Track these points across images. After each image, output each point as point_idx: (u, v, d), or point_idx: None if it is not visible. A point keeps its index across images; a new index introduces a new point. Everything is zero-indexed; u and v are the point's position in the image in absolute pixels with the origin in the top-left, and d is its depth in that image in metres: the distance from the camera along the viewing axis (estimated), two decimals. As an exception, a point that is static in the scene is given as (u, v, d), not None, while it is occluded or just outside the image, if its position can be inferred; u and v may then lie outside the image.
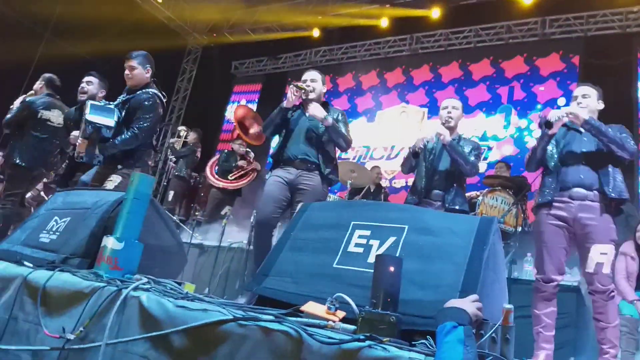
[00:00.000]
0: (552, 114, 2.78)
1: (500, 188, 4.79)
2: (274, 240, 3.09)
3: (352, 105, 9.61)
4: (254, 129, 6.10)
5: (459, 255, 1.47)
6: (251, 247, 4.12)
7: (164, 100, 3.49)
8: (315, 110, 3.26)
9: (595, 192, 2.72)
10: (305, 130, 3.35)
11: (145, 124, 3.24)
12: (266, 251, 2.88)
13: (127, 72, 3.46)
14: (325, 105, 3.43)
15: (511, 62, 8.18)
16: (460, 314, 1.15)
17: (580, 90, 2.94)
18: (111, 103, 3.36)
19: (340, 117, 3.40)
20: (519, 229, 4.48)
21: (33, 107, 4.45)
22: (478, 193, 5.06)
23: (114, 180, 3.16)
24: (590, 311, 2.78)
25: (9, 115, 4.45)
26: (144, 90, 3.36)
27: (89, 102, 3.20)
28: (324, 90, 3.54)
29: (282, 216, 3.34)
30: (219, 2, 9.96)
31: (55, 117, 4.55)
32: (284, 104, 3.37)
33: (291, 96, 3.32)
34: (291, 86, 3.34)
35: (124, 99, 3.39)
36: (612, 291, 2.64)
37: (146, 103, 3.29)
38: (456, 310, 1.16)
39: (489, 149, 7.74)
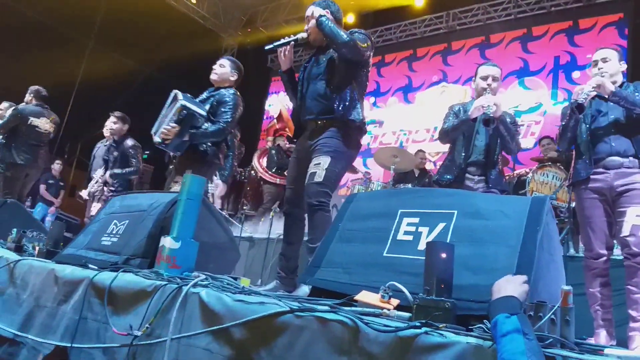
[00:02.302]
0: (579, 94, 2.68)
1: (551, 163, 4.63)
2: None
3: (388, 88, 9.50)
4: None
5: (512, 238, 1.44)
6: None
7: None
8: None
9: (631, 158, 2.66)
10: (313, 81, 2.84)
11: (229, 119, 3.33)
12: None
13: (215, 68, 3.57)
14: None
15: (556, 31, 7.83)
16: (509, 301, 1.12)
17: (599, 54, 2.86)
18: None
19: (353, 31, 2.78)
20: (573, 204, 4.33)
21: (24, 114, 5.20)
22: (527, 170, 4.92)
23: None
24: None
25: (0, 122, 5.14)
26: (226, 88, 3.48)
27: (179, 92, 3.32)
28: (331, 18, 2.82)
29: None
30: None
31: (43, 123, 5.31)
32: (281, 68, 2.98)
33: (281, 56, 2.88)
34: (278, 49, 2.87)
35: (207, 94, 3.51)
36: None
37: (228, 99, 3.38)
38: (505, 300, 1.14)
39: (536, 123, 7.49)
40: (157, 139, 3.31)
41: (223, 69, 3.57)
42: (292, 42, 2.83)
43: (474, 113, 3.01)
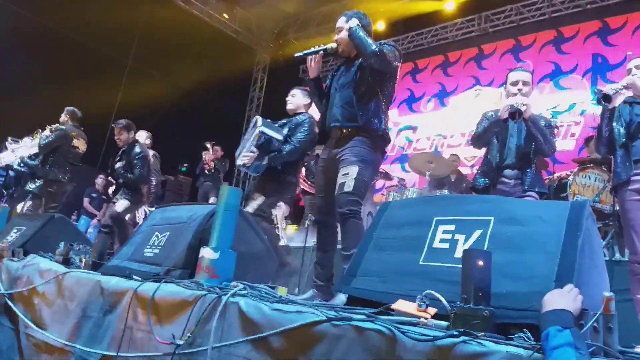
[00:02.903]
0: (609, 87, 2.67)
1: (593, 165, 4.49)
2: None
3: (422, 93, 9.43)
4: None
5: (551, 244, 1.41)
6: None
7: None
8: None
9: None
10: (339, 89, 2.88)
11: (303, 138, 3.56)
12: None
13: (288, 99, 3.90)
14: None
15: (592, 29, 7.59)
16: (563, 316, 1.10)
17: (634, 62, 2.85)
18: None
19: (382, 42, 2.79)
20: (617, 206, 4.18)
21: (68, 135, 5.42)
22: (568, 172, 4.78)
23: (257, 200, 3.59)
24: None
25: (45, 141, 5.32)
26: (302, 113, 3.75)
27: (260, 118, 3.67)
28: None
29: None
30: (282, 9, 10.20)
31: (81, 144, 5.55)
32: (309, 75, 3.05)
33: (310, 64, 2.94)
34: (307, 58, 2.93)
35: (286, 120, 3.79)
36: None
37: (304, 121, 3.64)
38: (558, 313, 1.12)
39: (576, 124, 7.27)
40: (239, 162, 3.61)
41: (295, 98, 3.88)
42: (322, 52, 2.90)
43: (503, 114, 3.01)
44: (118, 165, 5.05)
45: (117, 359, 2.04)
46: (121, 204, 4.85)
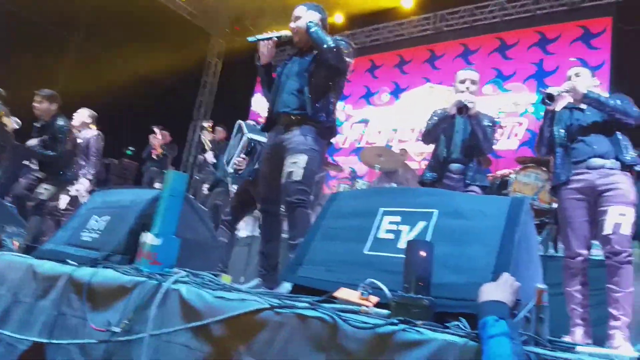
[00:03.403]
0: (553, 88, 2.82)
1: (533, 164, 4.69)
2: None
3: (376, 87, 9.54)
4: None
5: (491, 238, 1.46)
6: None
7: None
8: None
9: (613, 159, 2.72)
10: (290, 77, 2.83)
11: None
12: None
13: None
14: None
15: (541, 33, 7.93)
16: (499, 307, 1.14)
17: (572, 70, 3.00)
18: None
19: (336, 39, 2.76)
20: (553, 205, 4.39)
21: None
22: (510, 170, 4.97)
23: None
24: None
25: None
26: None
27: (244, 123, 3.64)
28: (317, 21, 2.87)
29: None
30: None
31: (9, 122, 5.18)
32: (260, 61, 2.94)
33: (263, 50, 2.85)
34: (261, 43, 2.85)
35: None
36: (629, 255, 2.56)
37: None
38: (495, 304, 1.16)
39: (519, 124, 7.58)
40: (230, 169, 3.62)
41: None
42: (275, 39, 2.85)
43: (451, 109, 3.12)
44: (34, 142, 4.50)
45: (48, 346, 1.95)
46: (47, 191, 4.44)
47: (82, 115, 5.46)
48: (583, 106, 2.88)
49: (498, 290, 1.21)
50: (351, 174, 6.77)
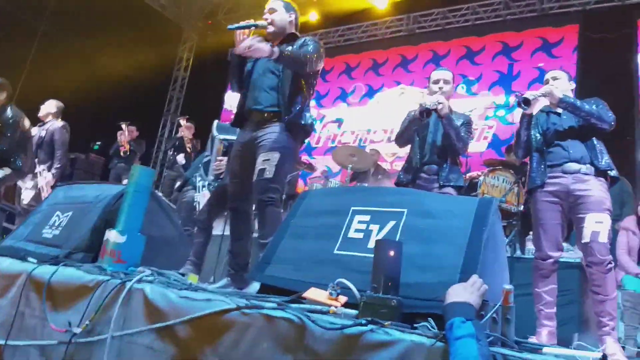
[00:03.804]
0: (529, 93, 2.85)
1: (501, 167, 4.78)
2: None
3: (350, 88, 9.57)
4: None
5: (459, 237, 1.47)
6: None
7: None
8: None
9: (588, 165, 2.75)
10: (264, 73, 2.77)
11: None
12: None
13: None
14: (293, 37, 2.84)
15: (510, 39, 8.11)
16: (466, 308, 1.15)
17: (550, 74, 3.05)
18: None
19: (307, 42, 2.74)
20: (521, 207, 4.48)
21: None
22: (479, 173, 5.05)
23: None
24: (593, 287, 2.80)
25: None
26: None
27: (215, 125, 3.65)
28: (291, 19, 2.86)
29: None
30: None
31: None
32: (234, 49, 2.71)
33: (239, 38, 2.60)
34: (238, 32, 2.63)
35: None
36: (610, 262, 2.61)
37: None
38: (461, 305, 1.16)
39: (489, 127, 7.73)
40: (211, 177, 3.65)
41: None
42: (253, 28, 2.69)
43: (417, 112, 3.11)
44: None
45: (5, 347, 1.87)
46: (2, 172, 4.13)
47: (49, 106, 5.23)
48: (560, 110, 2.91)
49: (465, 291, 1.21)
50: (324, 172, 6.77)
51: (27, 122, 4.53)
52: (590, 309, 3.19)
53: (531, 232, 4.14)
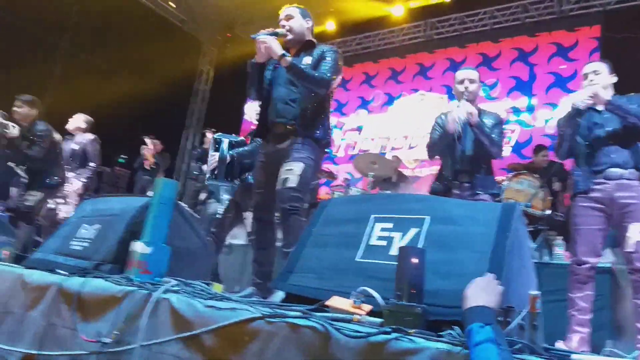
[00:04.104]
0: (578, 101, 2.74)
1: (525, 172, 4.71)
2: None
3: (370, 96, 9.58)
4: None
5: (482, 244, 1.46)
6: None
7: None
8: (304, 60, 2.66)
9: (631, 170, 2.67)
10: (284, 85, 2.77)
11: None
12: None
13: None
14: (311, 45, 2.85)
15: (529, 42, 8.02)
16: (484, 312, 1.13)
17: (589, 67, 2.91)
18: None
19: (326, 54, 2.74)
20: (547, 211, 4.40)
21: None
22: (503, 178, 4.99)
23: None
24: (626, 292, 2.73)
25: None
26: None
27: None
28: (308, 26, 2.89)
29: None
30: (231, 0, 10.00)
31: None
32: (254, 59, 2.78)
33: (261, 47, 2.66)
34: (257, 39, 2.67)
35: None
36: None
37: None
38: (479, 310, 1.15)
39: (511, 132, 7.64)
40: (208, 174, 3.88)
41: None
42: (274, 37, 2.73)
43: (449, 127, 3.02)
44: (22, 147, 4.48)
45: (38, 357, 1.92)
46: (33, 197, 4.43)
47: (78, 120, 5.40)
48: (600, 108, 2.79)
49: (482, 294, 1.20)
50: (346, 180, 6.76)
51: (57, 136, 4.81)
52: (623, 315, 3.12)
53: (559, 237, 4.09)
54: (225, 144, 3.70)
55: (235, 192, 3.85)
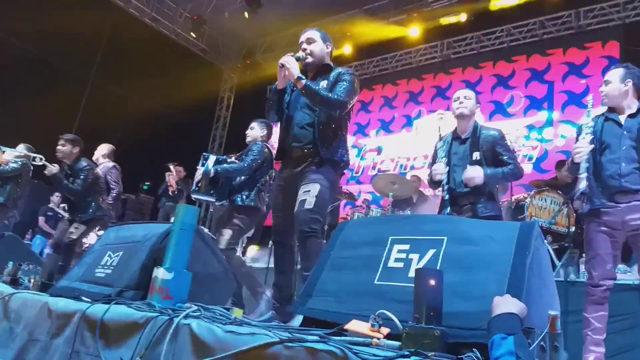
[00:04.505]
0: (578, 156, 2.75)
1: (548, 188, 4.64)
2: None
3: (390, 116, 9.61)
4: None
5: (501, 264, 1.44)
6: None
7: None
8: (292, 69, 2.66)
9: None
10: (300, 109, 2.82)
11: (249, 160, 3.98)
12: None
13: (247, 132, 4.43)
14: (328, 69, 2.89)
15: (548, 58, 7.97)
16: (509, 320, 1.11)
17: (606, 76, 2.86)
18: None
19: (342, 76, 2.78)
20: (572, 228, 4.31)
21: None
22: (525, 195, 4.91)
23: None
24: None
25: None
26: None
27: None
28: (328, 50, 2.94)
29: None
30: (250, 29, 10.23)
31: None
32: (275, 84, 2.86)
33: (281, 74, 2.75)
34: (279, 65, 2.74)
35: (239, 154, 4.34)
36: None
37: (253, 146, 4.16)
38: (505, 317, 1.12)
39: (533, 148, 7.54)
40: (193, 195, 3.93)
41: (252, 131, 4.32)
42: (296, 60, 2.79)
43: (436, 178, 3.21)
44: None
45: (63, 385, 1.94)
46: (77, 230, 4.69)
47: (101, 149, 5.72)
48: (622, 120, 2.74)
49: (510, 301, 1.17)
50: (366, 201, 6.75)
51: (98, 170, 5.11)
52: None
53: (584, 255, 3.98)
54: (211, 160, 3.83)
55: (224, 213, 4.01)
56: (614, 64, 7.07)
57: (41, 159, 4.76)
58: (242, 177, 3.89)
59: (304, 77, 2.68)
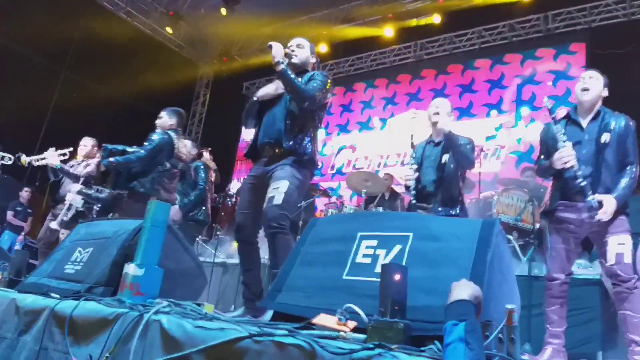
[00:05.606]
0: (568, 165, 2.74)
1: (515, 186, 4.78)
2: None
3: (365, 116, 9.69)
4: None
5: (464, 259, 1.50)
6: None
7: None
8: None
9: (602, 191, 2.71)
10: (273, 107, 2.89)
11: (144, 148, 4.10)
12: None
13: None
14: (306, 72, 2.96)
15: (517, 60, 8.17)
16: (462, 307, 1.14)
17: (587, 73, 2.93)
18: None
19: (315, 76, 2.86)
20: (537, 225, 4.45)
21: None
22: (493, 193, 5.05)
23: None
24: (614, 304, 2.77)
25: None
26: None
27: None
28: (312, 61, 3.05)
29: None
30: (227, 26, 10.16)
31: None
32: (255, 95, 2.97)
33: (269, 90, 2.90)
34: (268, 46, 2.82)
35: None
36: (638, 280, 2.60)
37: (152, 135, 4.21)
38: (458, 304, 1.16)
39: (502, 147, 7.73)
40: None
41: (160, 120, 4.35)
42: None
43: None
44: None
45: (30, 382, 1.93)
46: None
47: (87, 144, 5.58)
48: (584, 123, 2.82)
49: (465, 287, 1.21)
50: (339, 198, 6.82)
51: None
52: (612, 327, 3.15)
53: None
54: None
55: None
56: (580, 67, 7.34)
57: (10, 158, 4.65)
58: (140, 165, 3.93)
59: (284, 63, 2.74)
